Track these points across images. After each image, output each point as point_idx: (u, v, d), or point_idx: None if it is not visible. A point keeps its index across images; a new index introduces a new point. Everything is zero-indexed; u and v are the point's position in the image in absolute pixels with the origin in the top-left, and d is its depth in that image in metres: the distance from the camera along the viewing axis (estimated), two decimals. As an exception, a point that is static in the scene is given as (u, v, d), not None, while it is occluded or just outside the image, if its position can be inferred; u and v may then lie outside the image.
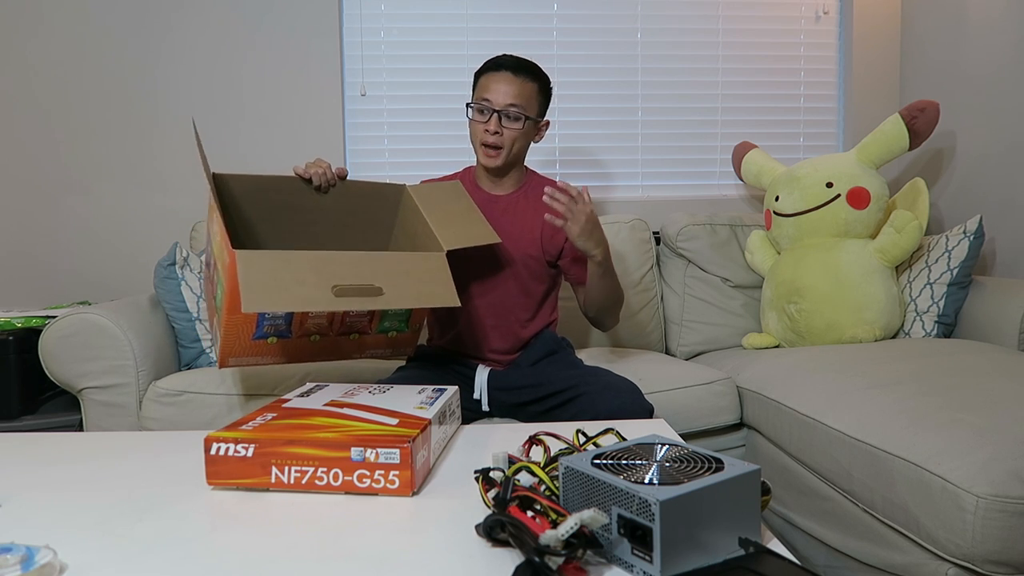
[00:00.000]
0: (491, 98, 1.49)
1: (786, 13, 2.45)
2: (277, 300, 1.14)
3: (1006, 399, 1.22)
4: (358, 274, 1.22)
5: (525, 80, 1.50)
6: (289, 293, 1.15)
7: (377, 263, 1.25)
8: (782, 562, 0.63)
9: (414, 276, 1.27)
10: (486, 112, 1.50)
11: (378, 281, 1.22)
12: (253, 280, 1.12)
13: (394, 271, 1.25)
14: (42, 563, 0.63)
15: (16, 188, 2.27)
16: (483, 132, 1.51)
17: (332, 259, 1.22)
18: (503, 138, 1.50)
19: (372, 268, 1.24)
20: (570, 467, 0.70)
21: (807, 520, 1.43)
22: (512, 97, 1.48)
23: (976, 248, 1.85)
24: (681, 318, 2.17)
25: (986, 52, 2.09)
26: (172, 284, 1.75)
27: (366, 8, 2.35)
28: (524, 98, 1.50)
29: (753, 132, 2.43)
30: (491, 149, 1.51)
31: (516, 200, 1.60)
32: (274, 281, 1.14)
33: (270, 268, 1.15)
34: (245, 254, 1.14)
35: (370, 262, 1.24)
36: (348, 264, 1.22)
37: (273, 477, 0.86)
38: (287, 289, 1.15)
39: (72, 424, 1.72)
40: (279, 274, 1.16)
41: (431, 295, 1.27)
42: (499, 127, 1.49)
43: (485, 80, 1.52)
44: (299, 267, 1.18)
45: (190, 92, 2.29)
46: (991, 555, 0.99)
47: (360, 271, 1.22)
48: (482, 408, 1.50)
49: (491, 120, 1.49)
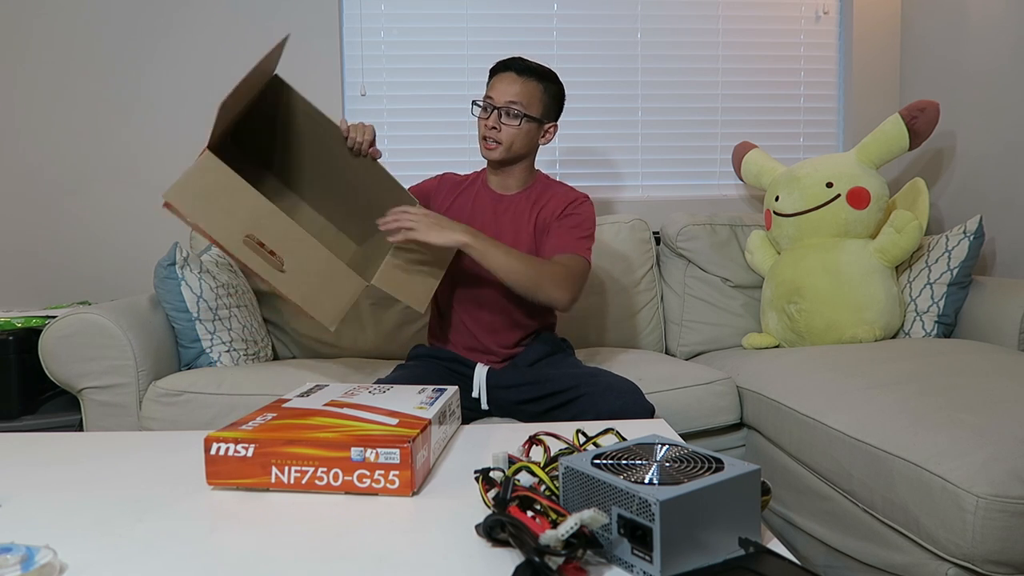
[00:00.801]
0: (493, 95, 1.55)
1: (786, 13, 2.45)
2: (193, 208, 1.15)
3: (1006, 399, 1.22)
4: (282, 244, 1.21)
5: (528, 80, 1.55)
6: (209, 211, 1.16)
7: (308, 249, 1.25)
8: (782, 562, 0.63)
9: (324, 280, 1.27)
10: (488, 108, 1.55)
11: (290, 260, 1.22)
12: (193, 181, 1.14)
13: (311, 265, 1.25)
14: (42, 563, 0.63)
15: (16, 188, 2.27)
16: (483, 127, 1.56)
17: (273, 216, 1.21)
18: (501, 134, 1.55)
19: (296, 247, 1.23)
20: (570, 467, 0.70)
21: (807, 520, 1.43)
22: (512, 95, 1.53)
23: (976, 248, 1.85)
24: (681, 318, 2.17)
25: (986, 52, 2.09)
26: (172, 284, 1.75)
27: (366, 8, 2.35)
28: (525, 97, 1.54)
29: (753, 132, 2.43)
30: (490, 142, 1.56)
31: (519, 200, 1.63)
32: (208, 194, 1.15)
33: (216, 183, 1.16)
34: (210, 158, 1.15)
35: (302, 243, 1.24)
36: (282, 230, 1.22)
37: (273, 477, 0.86)
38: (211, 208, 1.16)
39: (72, 424, 1.72)
40: (218, 192, 1.16)
41: (318, 305, 1.27)
42: (497, 123, 1.54)
43: (493, 80, 1.58)
44: (242, 200, 1.18)
45: (190, 92, 2.29)
46: (991, 555, 0.99)
47: (285, 242, 1.22)
48: (481, 407, 1.50)
49: (491, 116, 1.54)
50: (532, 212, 1.60)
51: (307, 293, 1.27)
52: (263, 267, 1.22)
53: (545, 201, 1.61)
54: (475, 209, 1.63)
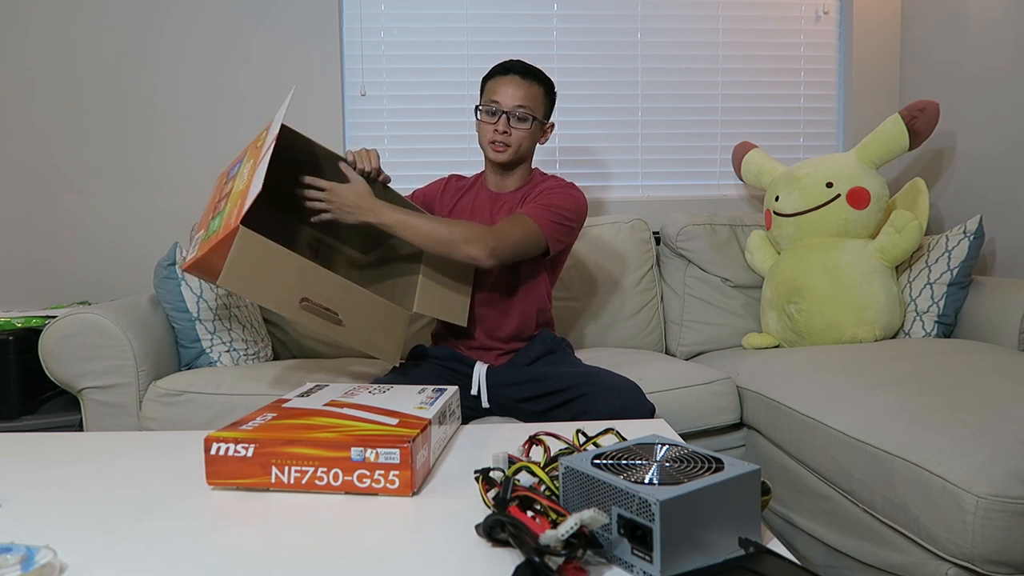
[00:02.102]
0: (500, 100, 1.55)
1: (786, 13, 2.45)
2: (249, 288, 1.20)
3: (1006, 399, 1.22)
4: (331, 298, 1.28)
5: (532, 83, 1.57)
6: (263, 287, 1.21)
7: (353, 296, 1.31)
8: (782, 562, 0.63)
9: (375, 322, 1.34)
10: (496, 113, 1.56)
11: (344, 312, 1.29)
12: (241, 261, 1.18)
13: (361, 310, 1.32)
14: (42, 563, 0.63)
15: (16, 188, 2.26)
16: (492, 132, 1.57)
17: (318, 274, 1.27)
18: (511, 137, 1.56)
19: (346, 298, 1.30)
20: (570, 467, 0.70)
21: (807, 520, 1.43)
22: (520, 99, 1.55)
23: (976, 248, 1.84)
24: (681, 318, 2.17)
25: (986, 52, 2.09)
26: (172, 284, 1.75)
27: (366, 8, 2.34)
28: (531, 100, 1.56)
29: (753, 132, 2.42)
30: (499, 145, 1.57)
31: (516, 198, 1.64)
32: (258, 270, 1.20)
33: (261, 257, 1.20)
34: (247, 234, 1.18)
35: (348, 292, 1.31)
36: (329, 285, 1.28)
37: (273, 477, 0.86)
38: (263, 282, 1.21)
39: (72, 424, 1.72)
40: (266, 266, 1.21)
41: (377, 346, 1.35)
42: (508, 127, 1.56)
43: (494, 84, 1.58)
44: (287, 268, 1.23)
45: (190, 92, 2.29)
46: (991, 555, 0.99)
47: (334, 296, 1.28)
48: (481, 405, 1.51)
49: (500, 120, 1.55)
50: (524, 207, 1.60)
51: (367, 338, 1.34)
52: (323, 326, 1.28)
53: (537, 193, 1.63)
54: (475, 209, 1.65)
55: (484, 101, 1.59)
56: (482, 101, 1.60)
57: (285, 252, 1.23)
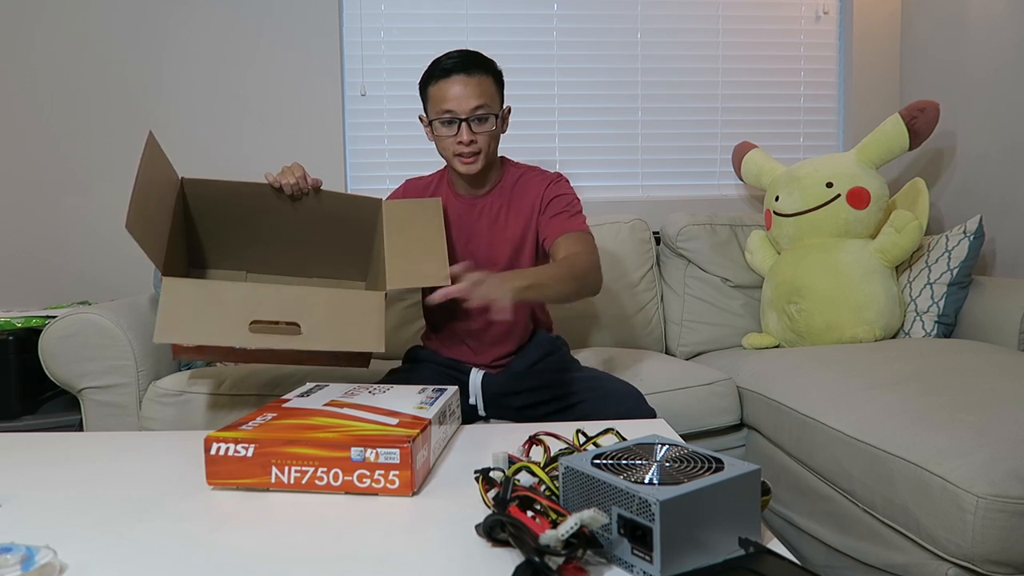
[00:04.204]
0: (454, 107, 1.40)
1: (786, 13, 2.45)
2: (189, 333, 1.14)
3: (1006, 399, 1.22)
4: (283, 310, 1.18)
5: (481, 77, 1.41)
6: (204, 326, 1.14)
7: (308, 298, 1.22)
8: (782, 562, 0.63)
9: (343, 315, 1.23)
10: (453, 123, 1.41)
11: (302, 318, 1.19)
12: (171, 310, 1.12)
13: (323, 308, 1.22)
14: (42, 563, 0.63)
15: (16, 188, 2.26)
16: (455, 144, 1.42)
17: (260, 292, 1.19)
18: (478, 144, 1.43)
19: (301, 304, 1.20)
20: (570, 467, 0.70)
21: (807, 520, 1.42)
22: (475, 99, 1.40)
23: (976, 248, 1.84)
24: (681, 318, 2.17)
25: (986, 52, 2.09)
26: (172, 284, 1.75)
27: (366, 8, 2.34)
28: (486, 96, 1.41)
29: (753, 132, 2.42)
30: (467, 156, 1.43)
31: (491, 202, 1.54)
32: (193, 312, 1.14)
33: (194, 298, 1.15)
34: (170, 282, 1.13)
35: (300, 297, 1.21)
36: (277, 298, 1.19)
37: (273, 477, 0.86)
38: (204, 322, 1.14)
39: (72, 424, 1.72)
40: (201, 305, 1.14)
41: (354, 338, 1.23)
42: (471, 134, 1.41)
43: (438, 89, 1.43)
44: (224, 298, 1.16)
45: (190, 92, 2.29)
46: (991, 555, 0.99)
47: (286, 307, 1.19)
48: (478, 413, 1.47)
49: (462, 130, 1.40)
50: (509, 211, 1.52)
51: (337, 335, 1.22)
52: (284, 341, 1.19)
53: (520, 196, 1.52)
54: (449, 215, 1.51)
55: (434, 112, 1.43)
56: (431, 112, 1.45)
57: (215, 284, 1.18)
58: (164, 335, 1.12)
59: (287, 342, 1.19)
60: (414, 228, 1.40)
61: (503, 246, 1.52)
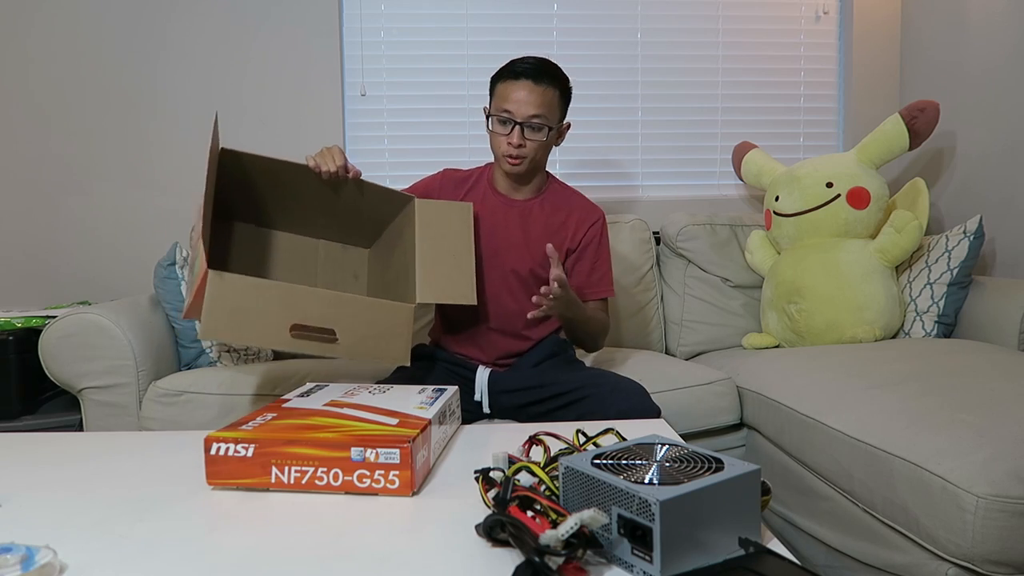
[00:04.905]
0: (512, 109, 1.44)
1: (786, 13, 2.45)
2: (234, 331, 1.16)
3: (1006, 399, 1.22)
4: (323, 316, 1.22)
5: (547, 88, 1.45)
6: (248, 325, 1.16)
7: (344, 306, 1.25)
8: (782, 562, 0.63)
9: (375, 326, 1.27)
10: (508, 124, 1.46)
11: (339, 325, 1.23)
12: (217, 306, 1.14)
13: (357, 318, 1.25)
14: (42, 563, 0.63)
15: (16, 188, 2.26)
16: (506, 144, 1.47)
17: (300, 295, 1.22)
18: (526, 149, 1.47)
19: (340, 311, 1.24)
20: (570, 467, 0.70)
21: (807, 520, 1.42)
22: (535, 108, 1.44)
23: (976, 248, 1.84)
24: (681, 318, 2.17)
25: (986, 52, 2.09)
26: (172, 284, 1.75)
27: (366, 8, 2.34)
28: (546, 107, 1.45)
29: (753, 132, 2.42)
30: (514, 158, 1.48)
31: (531, 208, 1.58)
32: (237, 309, 1.15)
33: (238, 295, 1.16)
34: (216, 277, 1.14)
35: (337, 304, 1.24)
36: (318, 302, 1.22)
37: (273, 477, 0.86)
38: (247, 320, 1.16)
39: (72, 424, 1.72)
40: (244, 303, 1.16)
41: (383, 351, 1.28)
42: (522, 139, 1.45)
43: (504, 89, 1.46)
44: (266, 298, 1.18)
45: (190, 92, 2.29)
46: (991, 555, 0.99)
47: (326, 312, 1.22)
48: (483, 410, 1.49)
49: (514, 133, 1.45)
50: (548, 223, 1.56)
51: (370, 346, 1.27)
52: (320, 348, 1.22)
53: (563, 216, 1.57)
54: (484, 212, 1.57)
55: (495, 107, 1.48)
56: (492, 106, 1.50)
57: (261, 283, 1.19)
58: (210, 333, 1.14)
59: (324, 349, 1.23)
60: (445, 238, 1.43)
61: (532, 253, 1.55)
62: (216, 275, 1.13)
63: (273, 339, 1.19)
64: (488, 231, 1.56)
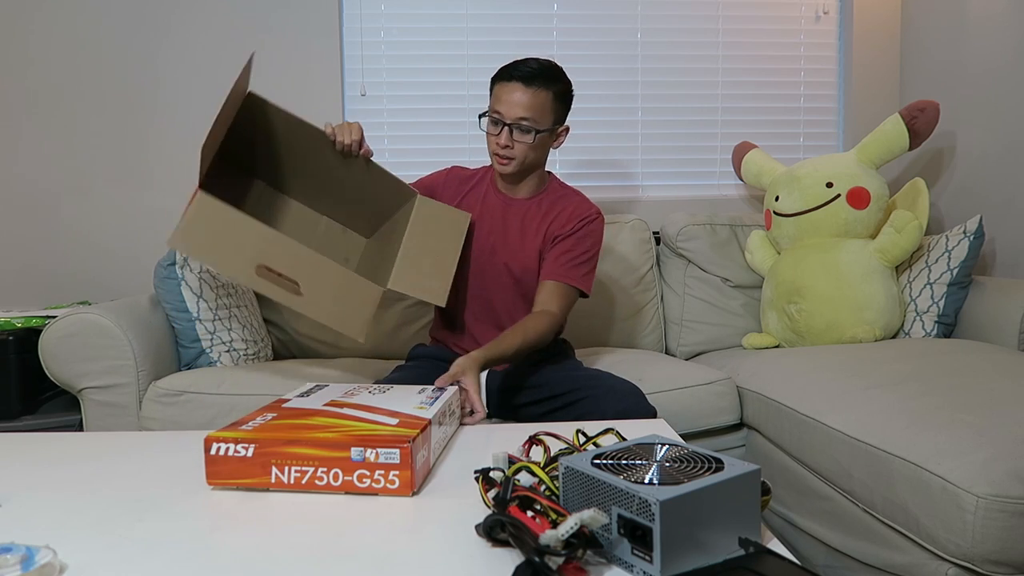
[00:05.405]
0: (503, 111, 1.47)
1: (786, 13, 2.45)
2: (203, 251, 1.17)
3: (1006, 399, 1.22)
4: (293, 267, 1.23)
5: (538, 90, 1.46)
6: (218, 249, 1.18)
7: (318, 267, 1.25)
8: (782, 562, 0.63)
9: (342, 296, 1.28)
10: (498, 124, 1.48)
11: (305, 282, 1.23)
12: (196, 223, 1.15)
13: (326, 281, 1.26)
14: (42, 563, 0.63)
15: (16, 189, 2.26)
16: (495, 144, 1.50)
17: (280, 242, 1.23)
18: (514, 150, 1.49)
19: (310, 269, 1.24)
20: (570, 467, 0.70)
21: (807, 520, 1.42)
22: (522, 110, 1.45)
23: (976, 248, 1.84)
24: (681, 318, 2.17)
25: (986, 52, 2.09)
26: (172, 284, 1.75)
27: (366, 8, 2.34)
28: (535, 110, 1.46)
29: (753, 132, 2.42)
30: (502, 158, 1.51)
31: (530, 207, 1.60)
32: (214, 232, 1.17)
33: (219, 219, 1.17)
34: (204, 197, 1.15)
35: (312, 263, 1.25)
36: (292, 254, 1.23)
37: (273, 477, 0.86)
38: (218, 244, 1.18)
39: (72, 424, 1.72)
40: (223, 228, 1.18)
41: (342, 320, 1.28)
42: (510, 140, 1.47)
43: (498, 89, 1.49)
44: (245, 232, 1.19)
45: (190, 92, 2.29)
46: (991, 555, 0.99)
47: (297, 265, 1.23)
48: None
49: (502, 133, 1.47)
50: (543, 222, 1.58)
51: (330, 311, 1.27)
52: (281, 294, 1.23)
53: (557, 212, 1.58)
54: (484, 210, 1.59)
55: (490, 107, 1.51)
56: (489, 105, 1.52)
57: (245, 218, 1.20)
58: (177, 243, 1.15)
59: (284, 298, 1.23)
60: (435, 237, 1.45)
61: (527, 252, 1.56)
62: (205, 196, 1.15)
63: (238, 271, 1.19)
64: (486, 228, 1.58)
